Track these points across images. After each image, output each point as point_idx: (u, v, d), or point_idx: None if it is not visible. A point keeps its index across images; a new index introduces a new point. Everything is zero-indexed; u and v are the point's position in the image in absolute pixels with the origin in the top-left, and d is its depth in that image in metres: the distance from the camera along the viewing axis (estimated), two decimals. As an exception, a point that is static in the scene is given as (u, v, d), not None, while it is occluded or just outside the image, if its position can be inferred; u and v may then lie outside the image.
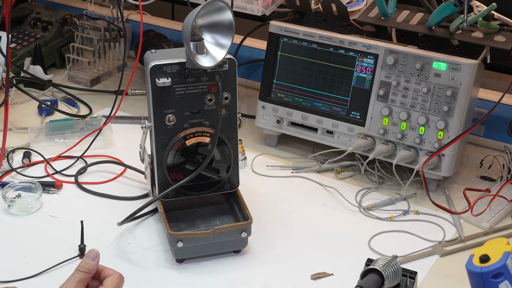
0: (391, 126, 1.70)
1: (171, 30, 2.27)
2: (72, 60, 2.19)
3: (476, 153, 1.87)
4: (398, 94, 1.69)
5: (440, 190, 1.73)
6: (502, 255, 1.03)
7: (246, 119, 2.02)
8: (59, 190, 1.69)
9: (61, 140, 1.86)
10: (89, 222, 1.52)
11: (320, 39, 1.76)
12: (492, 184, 1.74)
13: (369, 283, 1.26)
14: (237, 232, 1.46)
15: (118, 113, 1.92)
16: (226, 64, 1.43)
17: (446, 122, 1.64)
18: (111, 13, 2.18)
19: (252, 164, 1.82)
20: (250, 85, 2.18)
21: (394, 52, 1.68)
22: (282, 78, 1.82)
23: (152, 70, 1.41)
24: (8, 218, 1.60)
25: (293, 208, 1.66)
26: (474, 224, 1.61)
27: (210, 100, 1.45)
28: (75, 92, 2.13)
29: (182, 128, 1.46)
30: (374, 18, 1.78)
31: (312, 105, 1.79)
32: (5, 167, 1.74)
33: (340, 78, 1.75)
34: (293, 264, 1.48)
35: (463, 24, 1.62)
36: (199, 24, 1.37)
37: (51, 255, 1.47)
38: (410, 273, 1.34)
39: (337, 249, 1.53)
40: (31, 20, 2.29)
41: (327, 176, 1.78)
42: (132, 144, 1.80)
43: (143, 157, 1.59)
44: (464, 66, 1.62)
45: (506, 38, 1.65)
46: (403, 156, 1.67)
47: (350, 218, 1.63)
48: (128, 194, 1.68)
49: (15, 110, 2.04)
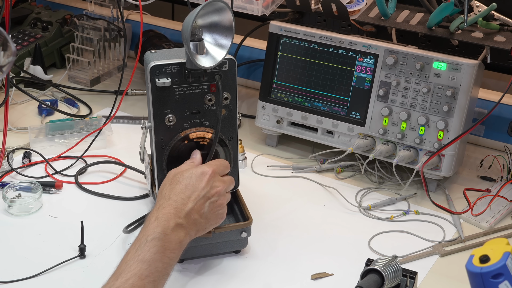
0: (391, 126, 1.70)
1: (171, 30, 2.27)
2: (72, 60, 2.19)
3: (476, 153, 1.87)
4: (398, 94, 1.69)
5: (440, 190, 1.73)
6: (502, 256, 1.03)
7: (246, 119, 2.02)
8: (59, 190, 1.69)
9: (61, 140, 1.86)
10: (89, 222, 1.52)
11: (320, 39, 1.76)
12: (492, 184, 1.74)
13: (369, 283, 1.26)
14: (237, 232, 1.46)
15: (118, 113, 1.92)
16: (226, 64, 1.43)
17: (446, 122, 1.64)
18: (111, 13, 2.18)
19: (252, 164, 1.82)
20: (250, 85, 2.18)
21: (394, 52, 1.68)
22: (282, 78, 1.82)
23: (152, 70, 1.41)
24: (8, 218, 1.60)
25: (293, 208, 1.66)
26: (474, 224, 1.61)
27: (210, 100, 1.45)
28: (75, 92, 2.13)
29: (182, 128, 1.46)
30: (374, 18, 1.78)
31: (312, 105, 1.79)
32: (5, 167, 1.74)
33: (340, 78, 1.75)
34: (293, 264, 1.48)
35: (463, 24, 1.62)
36: (199, 24, 1.37)
37: (51, 255, 1.47)
38: (410, 273, 1.34)
39: (337, 249, 1.53)
40: (31, 20, 2.29)
41: (327, 176, 1.78)
42: (132, 144, 1.80)
43: (143, 157, 1.59)
44: (464, 66, 1.62)
45: (506, 38, 1.64)
46: (403, 156, 1.67)
47: (350, 218, 1.63)
48: (128, 194, 1.68)
49: (15, 110, 2.04)
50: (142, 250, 1.24)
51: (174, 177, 1.36)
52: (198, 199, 1.34)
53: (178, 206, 1.31)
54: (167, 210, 1.30)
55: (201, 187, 1.35)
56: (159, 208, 1.31)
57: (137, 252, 1.23)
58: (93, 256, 1.47)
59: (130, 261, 1.22)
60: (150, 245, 1.24)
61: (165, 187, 1.36)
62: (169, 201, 1.32)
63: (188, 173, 1.36)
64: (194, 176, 1.36)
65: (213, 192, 1.36)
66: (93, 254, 1.48)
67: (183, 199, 1.33)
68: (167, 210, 1.30)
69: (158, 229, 1.27)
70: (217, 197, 1.37)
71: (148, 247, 1.24)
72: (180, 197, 1.33)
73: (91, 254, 1.48)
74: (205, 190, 1.35)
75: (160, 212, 1.30)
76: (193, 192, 1.34)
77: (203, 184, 1.35)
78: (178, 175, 1.36)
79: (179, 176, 1.36)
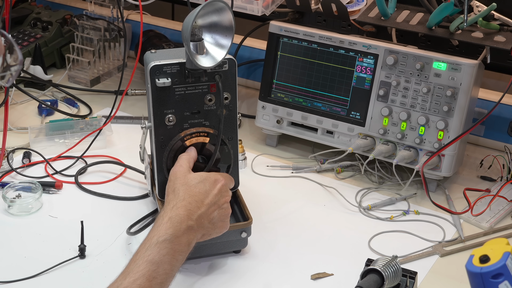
0: (391, 126, 1.70)
1: (171, 30, 2.27)
2: (72, 60, 2.19)
3: (476, 153, 1.87)
4: (398, 94, 1.69)
5: (440, 190, 1.73)
6: (502, 256, 1.03)
7: (246, 119, 2.02)
8: (59, 190, 1.69)
9: (61, 140, 1.86)
10: (89, 222, 1.52)
11: (320, 39, 1.76)
12: (492, 184, 1.74)
13: (369, 283, 1.26)
14: (237, 232, 1.46)
15: (118, 113, 1.92)
16: (226, 64, 1.43)
17: (446, 122, 1.64)
18: (111, 13, 2.18)
19: (252, 164, 1.82)
20: (250, 85, 2.18)
21: (394, 52, 1.68)
22: (282, 78, 1.82)
23: (152, 70, 1.41)
24: (8, 218, 1.60)
25: (293, 208, 1.66)
26: (474, 224, 1.61)
27: (210, 100, 1.45)
28: (75, 92, 2.13)
29: (182, 128, 1.46)
30: (374, 18, 1.78)
31: (312, 105, 1.79)
32: (5, 167, 1.73)
33: (340, 78, 1.75)
34: (293, 264, 1.48)
35: (463, 24, 1.62)
36: (199, 24, 1.37)
37: (51, 255, 1.47)
38: (410, 273, 1.34)
39: (337, 249, 1.53)
40: (31, 20, 2.29)
41: (327, 176, 1.78)
42: (132, 144, 1.80)
43: (143, 157, 1.59)
44: (464, 66, 1.62)
45: (506, 38, 1.64)
46: (403, 156, 1.67)
47: (350, 218, 1.63)
48: (128, 194, 1.68)
49: (15, 110, 2.04)
50: (152, 250, 1.24)
51: (186, 178, 1.36)
52: (210, 205, 1.34)
53: (192, 209, 1.31)
54: (181, 211, 1.30)
55: (213, 193, 1.36)
56: (172, 208, 1.31)
57: (147, 252, 1.24)
58: (93, 256, 1.47)
59: (139, 261, 1.22)
60: (161, 246, 1.24)
61: (178, 187, 1.35)
62: (183, 202, 1.32)
63: (203, 178, 1.37)
64: (208, 182, 1.36)
65: (223, 200, 1.37)
66: (93, 254, 1.48)
67: (197, 202, 1.33)
68: (181, 212, 1.30)
69: (170, 231, 1.27)
70: (226, 206, 1.38)
71: (159, 248, 1.24)
72: (194, 199, 1.33)
73: (91, 254, 1.48)
74: (217, 197, 1.36)
75: (174, 212, 1.30)
76: (206, 197, 1.35)
77: (215, 191, 1.36)
78: (191, 177, 1.36)
79: (192, 179, 1.36)
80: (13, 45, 1.08)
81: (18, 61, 1.09)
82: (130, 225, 1.53)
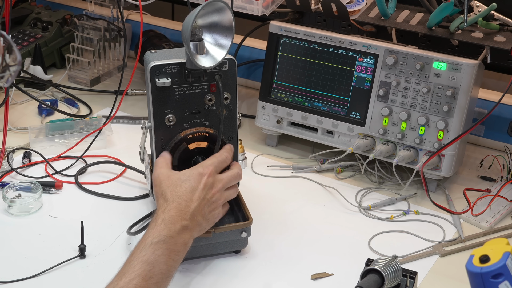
0: (391, 126, 1.70)
1: (171, 30, 2.27)
2: (72, 60, 2.19)
3: (476, 153, 1.87)
4: (398, 94, 1.69)
5: (440, 190, 1.73)
6: (502, 256, 1.03)
7: (246, 119, 2.02)
8: (59, 190, 1.69)
9: (61, 140, 1.86)
10: (89, 222, 1.52)
11: (320, 39, 1.76)
12: (492, 184, 1.74)
13: (369, 283, 1.26)
14: (237, 232, 1.46)
15: (118, 113, 1.92)
16: (226, 64, 1.43)
17: (446, 122, 1.64)
18: (111, 13, 2.18)
19: (252, 164, 1.82)
20: (250, 85, 2.18)
21: (394, 52, 1.68)
22: (282, 78, 1.82)
23: (152, 70, 1.41)
24: (8, 218, 1.60)
25: (293, 208, 1.66)
26: (474, 224, 1.61)
27: (210, 100, 1.45)
28: (75, 92, 2.13)
29: (182, 128, 1.46)
30: (374, 18, 1.78)
31: (312, 105, 1.79)
32: (5, 167, 1.73)
33: (340, 78, 1.75)
34: (293, 264, 1.48)
35: (463, 24, 1.62)
36: (199, 24, 1.37)
37: (51, 255, 1.47)
38: (410, 273, 1.34)
39: (337, 249, 1.53)
40: (31, 20, 2.29)
41: (327, 176, 1.78)
42: (132, 144, 1.80)
43: (143, 157, 1.59)
44: (464, 66, 1.62)
45: (506, 38, 1.64)
46: (403, 156, 1.67)
47: (350, 218, 1.63)
48: (128, 194, 1.68)
49: (15, 110, 2.04)
50: (146, 251, 1.24)
51: (171, 179, 1.37)
52: (199, 200, 1.34)
53: (183, 209, 1.32)
54: (173, 213, 1.31)
55: (200, 188, 1.36)
56: (164, 211, 1.31)
57: (142, 253, 1.24)
58: (93, 256, 1.47)
59: (134, 262, 1.23)
60: (156, 247, 1.25)
61: (165, 190, 1.36)
62: (173, 203, 1.32)
63: (186, 175, 1.37)
64: (192, 178, 1.36)
65: (210, 193, 1.37)
66: (93, 254, 1.48)
67: (186, 201, 1.33)
68: (173, 213, 1.31)
69: (164, 232, 1.27)
70: (216, 198, 1.38)
71: (153, 249, 1.24)
72: (183, 199, 1.33)
73: (91, 254, 1.48)
74: (204, 192, 1.36)
75: (166, 214, 1.30)
76: (194, 194, 1.35)
77: (201, 185, 1.36)
78: (174, 177, 1.37)
79: (176, 179, 1.37)
80: (11, 46, 1.08)
81: (17, 62, 1.09)
82: (130, 225, 1.53)
